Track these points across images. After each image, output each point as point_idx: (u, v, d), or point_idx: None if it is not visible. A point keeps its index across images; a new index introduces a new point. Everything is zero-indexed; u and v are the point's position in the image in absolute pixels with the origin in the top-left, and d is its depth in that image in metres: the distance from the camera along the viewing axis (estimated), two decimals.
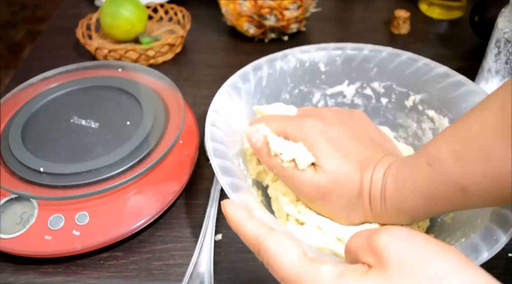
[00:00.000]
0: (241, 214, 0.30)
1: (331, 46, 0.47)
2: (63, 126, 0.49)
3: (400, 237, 0.23)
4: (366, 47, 0.47)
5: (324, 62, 0.47)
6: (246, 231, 0.28)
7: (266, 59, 0.47)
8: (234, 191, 0.33)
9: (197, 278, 0.40)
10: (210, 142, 0.38)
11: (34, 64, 0.67)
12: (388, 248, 0.23)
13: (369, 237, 0.24)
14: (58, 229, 0.41)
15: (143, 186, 0.44)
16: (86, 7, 0.80)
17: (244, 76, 0.45)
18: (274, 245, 0.26)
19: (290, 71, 0.47)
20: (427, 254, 0.22)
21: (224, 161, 0.36)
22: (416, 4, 0.79)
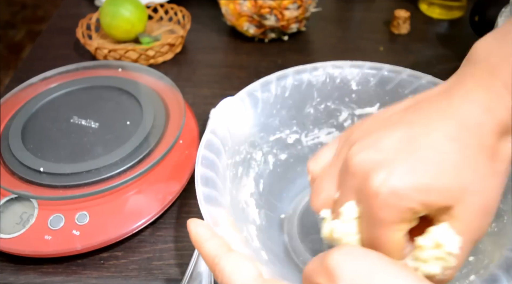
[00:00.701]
0: (203, 233, 0.29)
1: (367, 65, 0.44)
2: (63, 126, 0.49)
3: (353, 254, 0.23)
4: (404, 71, 0.43)
5: (356, 80, 0.44)
6: (205, 250, 0.28)
7: (293, 69, 0.44)
8: (206, 203, 0.32)
9: (197, 277, 0.40)
10: (202, 149, 0.36)
11: (34, 64, 0.67)
12: (341, 266, 0.22)
13: (322, 258, 0.24)
14: (58, 229, 0.41)
15: (143, 185, 0.44)
16: (86, 7, 0.80)
17: (266, 84, 0.42)
18: (229, 266, 0.26)
19: (319, 85, 0.44)
20: (379, 270, 0.22)
21: (209, 171, 0.35)
22: (416, 4, 0.79)
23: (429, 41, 0.71)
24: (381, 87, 0.44)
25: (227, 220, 0.32)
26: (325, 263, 0.23)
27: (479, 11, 0.65)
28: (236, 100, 0.40)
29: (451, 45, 0.70)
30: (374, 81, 0.44)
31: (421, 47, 0.70)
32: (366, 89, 0.44)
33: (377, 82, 0.44)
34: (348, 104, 0.45)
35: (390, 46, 0.70)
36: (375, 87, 0.44)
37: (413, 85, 0.43)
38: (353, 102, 0.45)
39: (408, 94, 0.43)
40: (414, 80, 0.43)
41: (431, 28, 0.74)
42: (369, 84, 0.44)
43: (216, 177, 0.35)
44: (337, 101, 0.45)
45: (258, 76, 0.64)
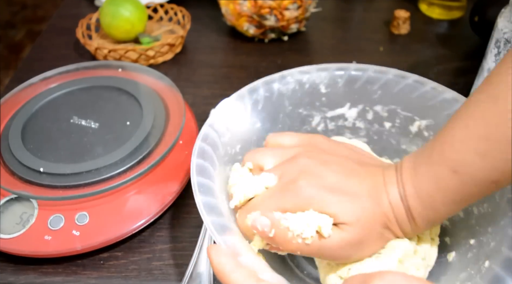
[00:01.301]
0: (227, 263, 0.29)
1: (333, 66, 0.45)
2: (63, 127, 0.49)
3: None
4: (370, 68, 0.44)
5: (325, 83, 0.44)
6: (232, 282, 0.28)
7: (263, 81, 0.44)
8: (220, 233, 0.31)
9: (197, 278, 0.40)
10: (195, 176, 0.35)
11: (34, 64, 0.67)
12: None
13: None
14: (58, 229, 0.41)
15: (143, 186, 0.44)
16: (86, 7, 0.80)
17: (240, 99, 0.42)
18: None
19: (289, 93, 0.44)
20: None
21: (210, 198, 0.34)
22: (416, 4, 0.79)
23: (429, 41, 0.71)
24: (349, 87, 0.44)
25: (246, 246, 0.32)
26: None
27: (479, 11, 0.65)
28: (213, 120, 0.40)
29: (451, 45, 0.70)
30: (342, 82, 0.44)
31: (421, 47, 0.70)
32: (335, 91, 0.45)
33: (345, 82, 0.44)
34: (319, 108, 0.46)
35: (390, 46, 0.70)
36: (343, 87, 0.45)
37: (381, 81, 0.44)
38: (324, 105, 0.45)
39: (377, 89, 0.44)
40: (381, 75, 0.44)
41: (431, 28, 0.74)
42: (337, 86, 0.45)
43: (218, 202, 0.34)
44: (308, 106, 0.45)
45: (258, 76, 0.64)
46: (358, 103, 0.45)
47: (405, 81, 0.43)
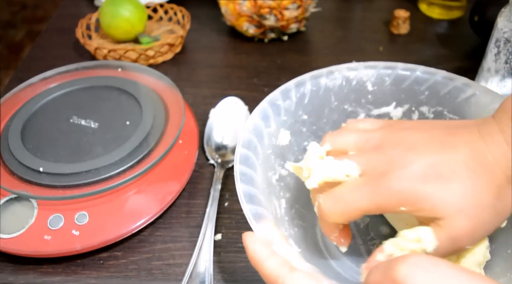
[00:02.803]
0: (262, 251, 0.29)
1: (381, 65, 0.45)
2: (63, 126, 0.49)
3: (422, 266, 0.22)
4: (418, 68, 0.44)
5: (372, 81, 0.44)
6: (266, 270, 0.28)
7: (310, 75, 0.44)
8: (257, 221, 0.32)
9: (197, 278, 0.40)
10: (238, 165, 0.35)
11: (33, 64, 0.67)
12: (410, 279, 0.22)
13: (387, 270, 0.23)
14: (58, 229, 0.41)
15: (143, 185, 0.44)
16: (86, 7, 0.80)
17: (286, 92, 0.42)
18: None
19: (335, 89, 0.44)
20: (453, 282, 0.21)
21: (250, 187, 0.34)
22: (416, 4, 0.79)
23: (428, 41, 0.71)
24: (396, 86, 0.44)
25: (281, 236, 0.32)
26: (393, 275, 0.22)
27: (479, 11, 0.65)
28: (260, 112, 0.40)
29: (451, 45, 0.70)
30: (389, 81, 0.44)
31: (420, 47, 0.70)
32: (382, 89, 0.45)
33: (393, 81, 0.44)
34: (364, 105, 0.45)
35: (390, 46, 0.70)
36: (390, 86, 0.44)
37: (429, 82, 0.43)
38: (370, 103, 0.45)
39: (425, 90, 0.43)
40: (429, 76, 0.43)
41: (430, 28, 0.74)
42: (384, 84, 0.44)
43: (257, 192, 0.35)
44: (354, 103, 0.45)
45: (257, 76, 0.64)
46: (404, 103, 0.45)
47: (454, 84, 0.42)
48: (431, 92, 0.43)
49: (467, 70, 0.54)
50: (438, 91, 0.43)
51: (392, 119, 0.37)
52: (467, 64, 0.66)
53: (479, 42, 0.69)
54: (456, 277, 0.21)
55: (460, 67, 0.65)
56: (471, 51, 0.69)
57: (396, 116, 0.45)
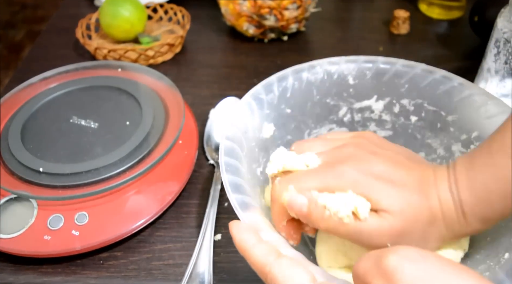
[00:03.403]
0: (249, 238, 0.29)
1: (362, 58, 0.45)
2: (63, 126, 0.49)
3: (411, 258, 0.22)
4: (398, 61, 0.44)
5: (353, 75, 0.45)
6: (253, 257, 0.28)
7: (292, 69, 0.44)
8: (243, 210, 0.32)
9: (197, 278, 0.40)
10: (223, 156, 0.36)
11: (33, 64, 0.67)
12: (399, 270, 0.22)
13: (377, 259, 0.23)
14: (58, 229, 0.41)
15: (143, 186, 0.44)
16: (86, 7, 0.80)
17: (268, 86, 0.43)
18: (281, 273, 0.26)
19: (317, 83, 0.45)
20: (440, 274, 0.22)
21: (236, 177, 0.35)
22: (416, 4, 0.79)
23: (428, 41, 0.71)
24: (377, 80, 0.45)
25: (267, 224, 0.32)
26: (383, 265, 0.23)
27: (479, 11, 0.65)
28: (243, 105, 0.41)
29: (451, 45, 0.70)
30: (370, 74, 0.45)
31: (420, 47, 0.70)
32: (363, 83, 0.45)
33: (373, 75, 0.45)
34: (346, 99, 0.46)
35: (390, 46, 0.70)
36: (371, 80, 0.45)
37: (409, 75, 0.44)
38: (351, 96, 0.46)
39: (405, 83, 0.44)
40: (409, 69, 0.44)
41: (430, 28, 0.74)
42: (365, 78, 0.45)
43: (243, 182, 0.35)
44: (336, 97, 0.46)
45: (257, 76, 0.64)
46: (385, 96, 0.46)
47: (433, 76, 0.43)
48: (411, 85, 0.44)
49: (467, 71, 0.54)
50: (418, 83, 0.44)
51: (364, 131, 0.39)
52: (466, 64, 0.66)
53: (479, 43, 0.69)
54: (443, 269, 0.22)
55: (460, 68, 0.65)
56: (471, 51, 0.69)
57: (377, 109, 0.46)
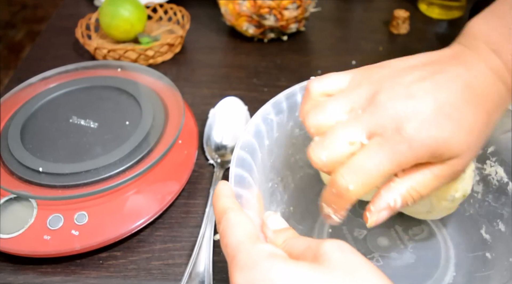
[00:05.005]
0: (224, 190, 0.30)
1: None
2: (62, 126, 0.49)
3: (342, 249, 0.24)
4: None
5: None
6: (219, 204, 0.29)
7: (300, 86, 0.41)
8: (236, 185, 0.32)
9: (196, 277, 0.40)
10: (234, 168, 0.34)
11: (33, 64, 0.67)
12: (329, 254, 0.24)
13: (312, 242, 0.25)
14: (57, 229, 0.41)
15: (142, 185, 0.44)
16: (86, 7, 0.80)
17: (277, 105, 0.40)
18: (232, 220, 0.27)
19: None
20: (359, 267, 0.23)
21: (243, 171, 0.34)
22: (416, 4, 0.79)
23: (428, 41, 0.71)
24: None
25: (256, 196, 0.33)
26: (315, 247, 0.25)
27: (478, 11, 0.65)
28: (252, 130, 0.38)
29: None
30: None
31: (420, 47, 0.70)
32: None
33: None
34: None
35: (390, 46, 0.70)
36: None
37: None
38: None
39: None
40: None
41: (430, 28, 0.74)
42: None
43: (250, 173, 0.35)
44: None
45: (257, 76, 0.64)
46: None
47: None
48: None
49: None
50: None
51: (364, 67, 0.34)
52: None
53: None
54: (364, 265, 0.24)
55: None
56: None
57: None
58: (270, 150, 0.40)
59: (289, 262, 0.24)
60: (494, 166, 0.40)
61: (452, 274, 0.39)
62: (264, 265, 0.24)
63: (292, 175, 0.44)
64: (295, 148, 0.43)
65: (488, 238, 0.39)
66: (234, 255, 0.25)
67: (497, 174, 0.39)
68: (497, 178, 0.39)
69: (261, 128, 0.39)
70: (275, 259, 0.24)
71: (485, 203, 0.40)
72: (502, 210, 0.39)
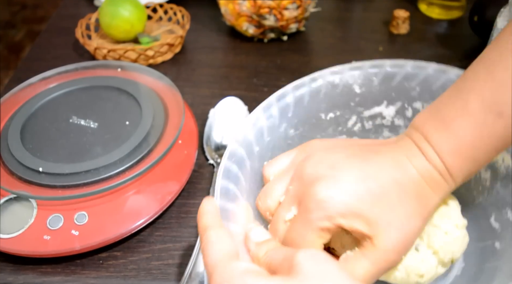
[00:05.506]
0: (208, 208, 0.31)
1: (367, 64, 0.43)
2: (62, 126, 0.49)
3: (315, 258, 0.25)
4: (407, 63, 0.42)
5: (359, 83, 0.43)
6: (201, 221, 0.30)
7: (292, 86, 0.41)
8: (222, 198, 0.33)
9: (196, 277, 0.40)
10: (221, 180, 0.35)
11: (33, 64, 0.67)
12: (301, 264, 0.24)
13: (288, 252, 0.26)
14: (57, 229, 0.41)
15: (142, 185, 0.44)
16: (86, 7, 0.80)
17: (267, 109, 0.40)
18: (212, 237, 0.28)
19: (321, 96, 0.42)
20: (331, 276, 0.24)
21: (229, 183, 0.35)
22: (416, 4, 0.79)
23: (428, 41, 0.71)
24: (385, 85, 0.43)
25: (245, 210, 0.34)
26: (289, 257, 0.25)
27: (479, 11, 0.65)
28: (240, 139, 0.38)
29: (451, 45, 0.70)
30: (377, 80, 0.43)
31: (420, 47, 0.70)
32: (370, 90, 0.43)
33: (381, 80, 0.43)
34: (354, 108, 0.44)
35: (390, 46, 0.70)
36: (379, 86, 0.43)
37: (420, 77, 0.41)
38: (359, 105, 0.44)
39: (416, 86, 0.42)
40: (419, 71, 0.41)
41: (430, 28, 0.74)
42: (372, 84, 0.43)
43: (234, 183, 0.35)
44: (342, 108, 0.44)
45: (257, 76, 0.64)
46: (395, 100, 0.43)
47: (446, 76, 0.41)
48: (423, 87, 0.42)
49: None
50: (431, 85, 0.41)
51: (305, 143, 0.37)
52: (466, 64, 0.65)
53: (478, 42, 0.69)
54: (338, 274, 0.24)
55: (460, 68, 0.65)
56: (471, 51, 0.69)
57: (389, 114, 0.44)
58: (261, 155, 0.39)
59: (260, 278, 0.25)
60: (501, 153, 0.39)
61: (460, 265, 0.38)
62: (237, 282, 0.25)
63: None
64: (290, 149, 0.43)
65: (497, 226, 0.38)
66: (211, 273, 0.26)
67: (504, 161, 0.38)
68: (504, 165, 0.39)
69: (249, 136, 0.39)
70: (248, 276, 0.25)
71: (493, 191, 0.39)
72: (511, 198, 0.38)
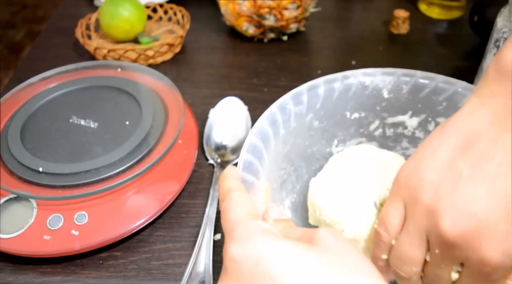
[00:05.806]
0: (232, 173, 0.31)
1: (399, 71, 0.43)
2: (62, 126, 0.49)
3: (335, 236, 0.25)
4: (438, 77, 0.42)
5: (388, 88, 0.43)
6: (224, 184, 0.30)
7: (324, 79, 0.42)
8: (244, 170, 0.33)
9: (196, 277, 0.40)
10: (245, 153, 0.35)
11: (33, 64, 0.67)
12: (323, 238, 0.25)
13: (308, 230, 0.26)
14: (57, 229, 0.41)
15: (142, 185, 0.44)
16: (86, 7, 0.80)
17: (297, 96, 0.41)
18: (234, 199, 0.28)
19: (350, 94, 0.43)
20: (349, 251, 0.24)
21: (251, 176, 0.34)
22: (416, 4, 0.79)
23: (428, 41, 0.71)
24: (413, 95, 0.43)
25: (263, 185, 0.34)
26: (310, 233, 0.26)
27: (478, 11, 0.65)
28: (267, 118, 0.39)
29: (451, 45, 0.70)
30: (406, 89, 0.43)
31: (420, 47, 0.70)
32: (398, 97, 0.43)
33: (410, 90, 0.43)
34: (379, 113, 0.44)
35: (390, 46, 0.70)
36: (407, 95, 0.43)
37: (448, 92, 0.41)
38: (385, 110, 0.44)
39: (443, 101, 0.42)
40: (449, 86, 0.41)
41: (430, 28, 0.74)
42: (401, 92, 0.43)
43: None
44: (368, 110, 0.44)
45: (257, 76, 0.64)
46: (420, 112, 0.43)
47: None
48: (450, 103, 0.42)
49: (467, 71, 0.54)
50: (457, 102, 0.41)
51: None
52: (466, 64, 0.66)
53: (478, 42, 0.69)
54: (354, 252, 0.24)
55: (460, 68, 0.65)
56: (471, 51, 0.69)
57: (411, 125, 0.44)
58: (285, 139, 0.40)
59: (283, 239, 0.25)
60: None
61: None
62: (258, 238, 0.24)
63: (307, 166, 0.44)
64: (312, 140, 0.43)
65: None
66: (231, 229, 0.26)
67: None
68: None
69: (277, 117, 0.39)
70: (270, 235, 0.25)
71: None
72: None
